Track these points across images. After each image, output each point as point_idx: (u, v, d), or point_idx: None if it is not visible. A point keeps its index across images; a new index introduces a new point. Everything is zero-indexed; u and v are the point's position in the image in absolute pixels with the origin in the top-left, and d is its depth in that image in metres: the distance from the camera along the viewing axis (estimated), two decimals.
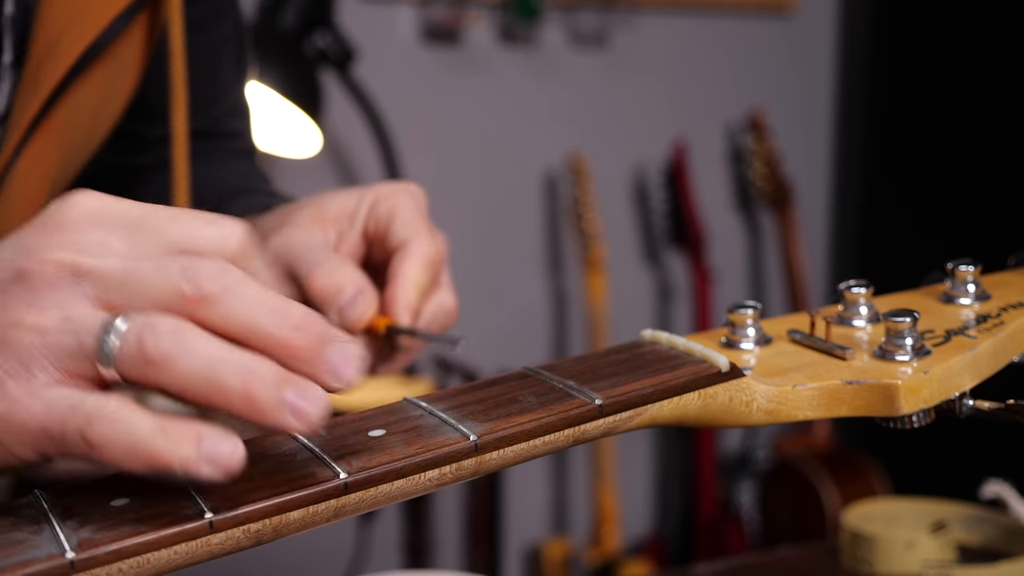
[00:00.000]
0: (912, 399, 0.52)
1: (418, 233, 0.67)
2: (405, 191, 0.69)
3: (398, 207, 0.68)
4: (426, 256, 0.66)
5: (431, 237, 0.67)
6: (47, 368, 0.41)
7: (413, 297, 0.65)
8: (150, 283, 0.42)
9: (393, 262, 0.66)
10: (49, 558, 0.38)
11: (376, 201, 0.69)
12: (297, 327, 0.42)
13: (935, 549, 0.93)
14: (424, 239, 0.66)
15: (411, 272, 0.65)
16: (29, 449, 0.41)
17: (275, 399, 0.41)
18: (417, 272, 0.65)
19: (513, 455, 0.47)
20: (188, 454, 0.40)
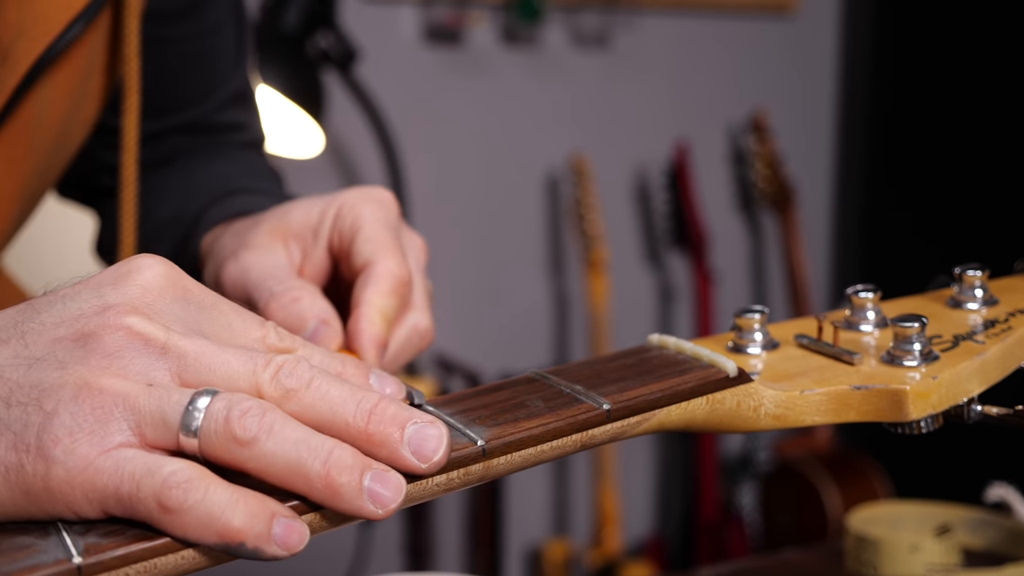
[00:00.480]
0: (921, 404, 0.51)
1: (383, 251, 0.63)
2: (371, 200, 0.66)
3: (362, 219, 0.64)
4: (391, 278, 0.62)
5: (396, 255, 0.63)
6: (124, 431, 0.41)
7: (378, 328, 0.62)
8: (234, 372, 0.43)
9: (356, 287, 0.63)
10: (56, 563, 0.38)
11: (340, 213, 0.65)
12: (374, 413, 0.42)
13: (940, 553, 0.93)
14: (389, 257, 0.63)
15: (375, 299, 0.62)
16: (95, 508, 0.40)
17: (356, 486, 0.41)
18: (381, 299, 0.62)
19: (521, 460, 0.46)
20: (261, 531, 0.40)
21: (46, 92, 0.73)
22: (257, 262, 0.65)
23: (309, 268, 0.67)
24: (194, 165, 0.86)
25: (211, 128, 0.88)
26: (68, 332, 0.42)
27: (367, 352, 0.61)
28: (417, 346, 0.66)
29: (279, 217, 0.68)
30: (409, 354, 0.66)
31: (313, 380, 0.43)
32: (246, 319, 0.47)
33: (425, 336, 0.67)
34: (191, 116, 0.87)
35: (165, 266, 0.45)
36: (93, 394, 0.40)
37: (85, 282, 0.45)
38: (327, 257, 0.66)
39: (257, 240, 0.66)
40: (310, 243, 0.67)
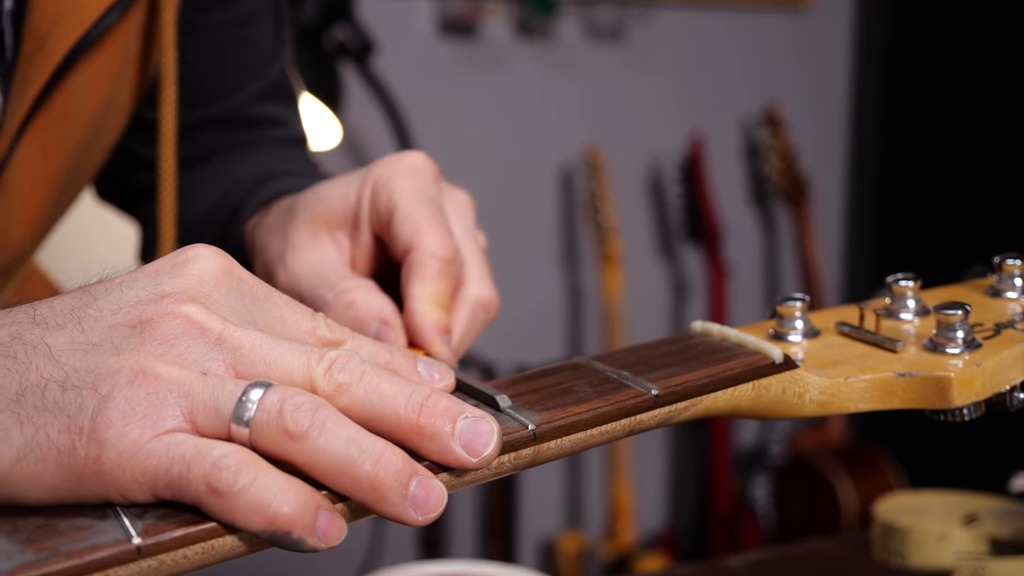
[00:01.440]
0: (965, 392, 0.52)
1: (423, 230, 0.60)
2: (404, 170, 0.63)
3: (397, 196, 0.61)
4: (436, 261, 0.60)
5: (438, 230, 0.60)
6: (176, 416, 0.41)
7: (434, 317, 0.60)
8: (288, 366, 0.43)
9: (403, 277, 0.61)
10: (116, 543, 0.38)
11: (375, 191, 0.63)
12: (425, 406, 0.42)
13: (968, 541, 0.93)
14: (431, 237, 0.60)
15: (423, 288, 0.60)
16: (146, 491, 0.40)
17: (402, 490, 0.41)
18: (430, 286, 0.60)
19: (571, 445, 0.47)
20: (307, 522, 0.40)
21: (82, 81, 0.73)
22: (304, 266, 0.64)
23: (360, 255, 0.64)
24: (232, 159, 0.85)
25: (246, 121, 0.86)
26: (125, 319, 0.42)
27: (432, 344, 0.60)
28: (484, 319, 0.64)
29: (315, 204, 0.65)
30: (478, 329, 0.64)
31: (365, 374, 0.43)
32: (297, 311, 0.47)
33: (490, 306, 0.64)
34: (224, 108, 0.86)
35: (221, 256, 0.46)
36: (148, 380, 0.41)
37: (141, 270, 0.45)
38: (374, 240, 0.64)
39: (299, 237, 0.65)
40: (354, 229, 0.64)
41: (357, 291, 0.62)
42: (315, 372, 0.43)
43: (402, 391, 0.43)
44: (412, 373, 0.48)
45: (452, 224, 0.63)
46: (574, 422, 0.47)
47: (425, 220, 0.61)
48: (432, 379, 0.48)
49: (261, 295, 0.47)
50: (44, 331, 0.42)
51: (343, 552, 2.23)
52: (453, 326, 0.62)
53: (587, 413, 0.47)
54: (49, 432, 0.40)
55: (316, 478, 0.41)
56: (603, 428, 0.47)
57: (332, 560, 2.28)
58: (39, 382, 0.41)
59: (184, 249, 0.46)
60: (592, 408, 0.47)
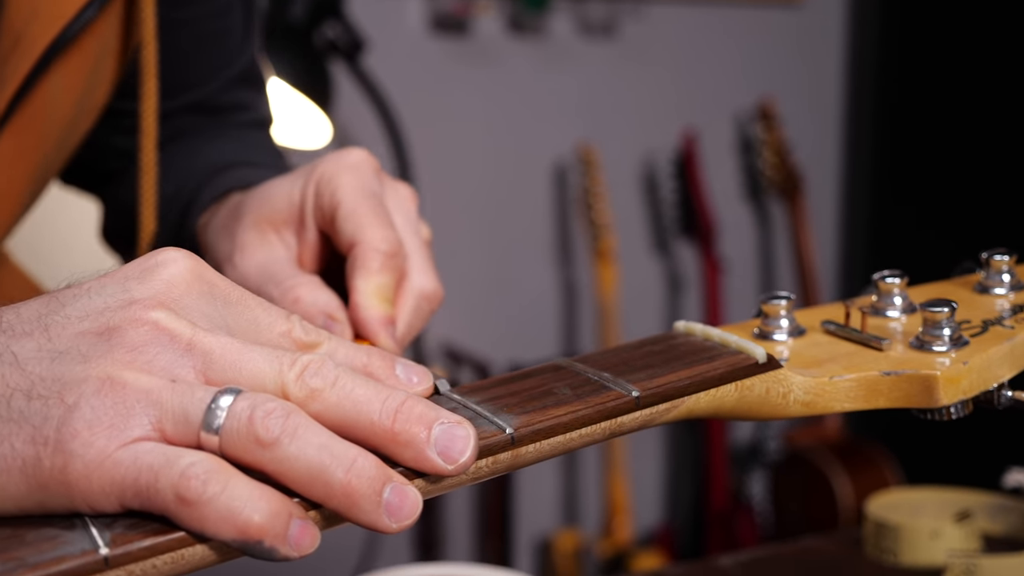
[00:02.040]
0: (951, 390, 0.51)
1: (365, 225, 0.61)
2: (345, 167, 0.64)
3: (339, 193, 0.63)
4: (378, 255, 0.61)
5: (380, 224, 0.62)
6: (144, 425, 0.40)
7: (378, 310, 0.61)
8: (259, 371, 0.42)
9: (347, 272, 0.62)
10: (83, 554, 0.38)
11: (318, 189, 0.64)
12: (400, 412, 0.42)
13: (961, 538, 0.92)
14: (372, 231, 0.61)
15: (367, 283, 0.61)
16: (113, 502, 0.39)
17: (375, 497, 0.40)
18: (374, 279, 0.61)
19: (550, 448, 0.46)
20: (279, 531, 0.39)
21: (58, 79, 0.72)
22: (252, 266, 0.64)
23: (306, 252, 0.65)
24: (198, 142, 0.85)
25: (217, 107, 0.87)
26: (93, 326, 0.42)
27: (377, 337, 0.60)
28: (428, 310, 0.65)
29: (260, 204, 0.66)
30: (422, 320, 0.65)
31: (338, 379, 0.42)
32: (271, 314, 0.46)
33: (433, 298, 0.65)
34: (198, 96, 0.86)
35: (191, 260, 0.45)
36: (116, 388, 0.40)
37: (110, 275, 0.44)
38: (320, 237, 0.65)
39: (246, 237, 0.65)
40: (299, 227, 0.65)
41: (303, 287, 0.63)
42: (287, 377, 0.42)
43: (376, 396, 0.42)
44: (390, 376, 0.47)
45: (394, 217, 0.64)
46: (553, 425, 0.46)
47: (367, 215, 0.62)
48: (410, 382, 0.47)
49: (234, 298, 0.46)
50: (10, 339, 0.41)
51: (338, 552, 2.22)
52: (397, 318, 0.63)
53: (566, 416, 0.46)
54: (14, 443, 0.39)
55: (288, 486, 0.40)
56: (583, 431, 0.47)
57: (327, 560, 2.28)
58: (5, 391, 0.40)
59: (154, 253, 0.45)
60: (572, 411, 0.46)
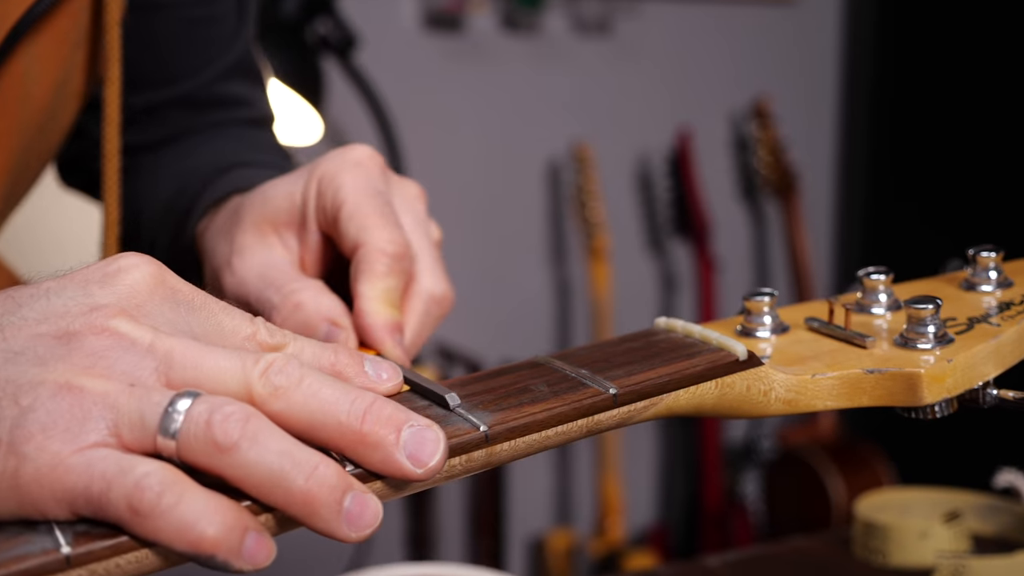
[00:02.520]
0: (935, 388, 0.50)
1: (370, 227, 0.59)
2: (349, 166, 0.61)
3: (343, 192, 0.60)
4: (384, 258, 0.58)
5: (386, 225, 0.59)
6: (101, 430, 0.39)
7: (384, 317, 0.58)
8: (221, 370, 0.41)
9: (351, 276, 0.59)
10: (44, 553, 0.37)
11: (320, 189, 0.61)
12: (368, 414, 0.41)
13: (950, 539, 0.91)
14: (378, 233, 0.59)
15: (372, 287, 0.58)
16: (64, 508, 0.38)
17: (336, 505, 0.39)
18: (379, 284, 0.58)
19: (525, 446, 0.45)
20: (233, 545, 0.38)
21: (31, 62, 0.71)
22: (251, 270, 0.62)
23: (308, 255, 0.63)
24: (194, 143, 0.83)
25: (210, 102, 0.84)
26: (51, 329, 0.41)
27: (383, 344, 0.58)
28: (438, 314, 0.63)
29: (261, 205, 0.63)
30: (431, 325, 0.63)
31: (304, 378, 0.41)
32: (235, 318, 0.45)
33: (443, 301, 0.63)
34: (187, 88, 0.83)
35: (153, 266, 0.44)
36: (73, 392, 0.39)
37: (70, 277, 0.43)
38: (322, 239, 0.63)
39: (245, 240, 0.63)
40: (301, 228, 0.63)
41: (305, 292, 0.60)
42: (251, 376, 0.41)
43: (344, 397, 0.41)
44: (359, 373, 0.46)
45: (402, 217, 0.62)
46: (528, 423, 0.45)
47: (372, 215, 0.59)
48: (379, 378, 0.46)
49: (197, 303, 0.45)
50: None
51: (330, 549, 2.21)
52: (405, 323, 0.61)
53: (542, 414, 0.45)
54: None
55: (247, 492, 0.39)
56: (559, 429, 0.46)
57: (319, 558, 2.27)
58: None
59: (116, 257, 0.44)
60: (547, 408, 0.46)
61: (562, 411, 0.46)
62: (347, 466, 0.41)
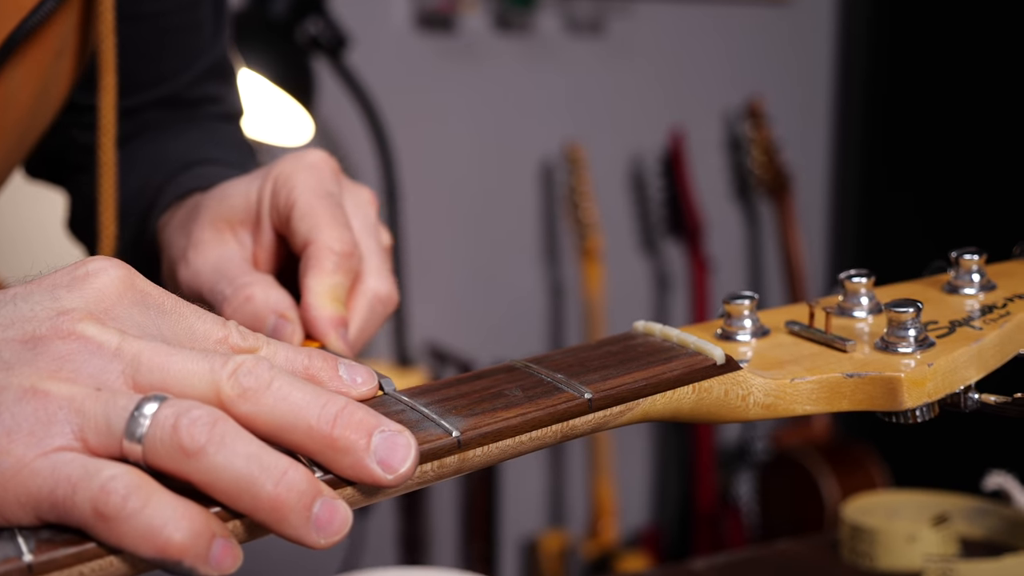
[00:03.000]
0: (916, 393, 0.50)
1: (319, 225, 0.61)
2: (302, 167, 0.63)
3: (295, 192, 0.62)
4: (331, 255, 0.60)
5: (335, 225, 0.61)
6: (66, 434, 0.38)
7: (330, 311, 0.60)
8: (189, 372, 0.40)
9: (300, 271, 0.61)
10: (5, 561, 0.36)
11: (275, 188, 0.63)
12: (339, 418, 0.40)
13: (938, 542, 0.91)
14: (327, 232, 0.61)
15: (319, 282, 0.60)
16: (28, 513, 0.38)
17: (304, 512, 0.39)
18: (326, 279, 0.60)
19: (498, 452, 0.44)
20: (200, 551, 0.37)
21: (16, 73, 0.71)
22: (206, 263, 0.64)
23: (261, 252, 0.65)
24: (165, 136, 0.84)
25: (187, 102, 0.86)
26: (18, 334, 0.40)
27: (327, 337, 0.60)
28: (382, 313, 0.64)
29: (218, 203, 0.65)
30: (375, 324, 0.64)
31: (274, 381, 0.40)
32: (207, 321, 0.45)
33: (388, 301, 0.64)
34: (166, 91, 0.84)
35: (122, 269, 0.43)
36: (38, 397, 0.38)
37: (38, 282, 0.43)
38: (276, 237, 0.64)
39: (202, 235, 0.65)
40: (255, 227, 0.64)
41: (255, 286, 0.62)
42: (219, 377, 0.40)
43: (315, 401, 0.41)
44: (333, 378, 0.45)
45: (352, 220, 0.64)
46: (501, 428, 0.44)
47: (323, 215, 0.61)
48: (354, 382, 0.45)
49: (168, 307, 0.44)
50: None
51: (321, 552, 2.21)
52: (350, 320, 0.62)
53: (516, 419, 0.45)
54: None
55: (214, 497, 0.39)
56: (533, 434, 0.45)
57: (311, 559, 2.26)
58: None
59: (84, 261, 0.43)
60: (521, 413, 0.45)
61: (536, 416, 0.45)
62: (316, 472, 0.41)
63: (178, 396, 0.40)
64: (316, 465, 0.41)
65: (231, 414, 0.40)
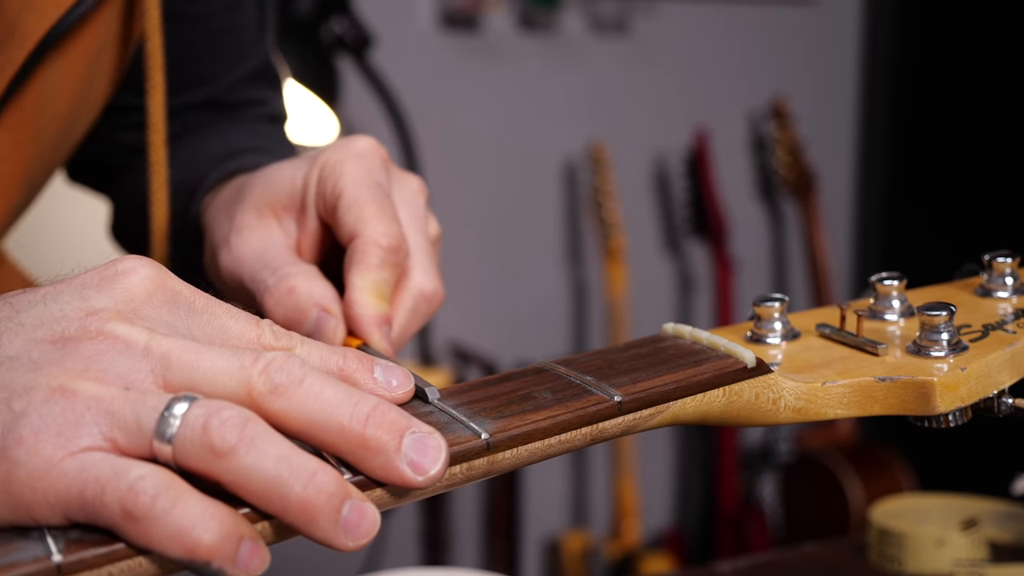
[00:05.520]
0: (948, 397, 0.49)
1: (366, 218, 0.59)
2: (351, 156, 0.61)
3: (343, 182, 0.60)
4: (378, 250, 0.59)
5: (383, 218, 0.59)
6: (94, 434, 0.38)
7: (374, 308, 0.58)
8: (220, 370, 0.40)
9: (344, 266, 0.60)
10: (35, 561, 0.36)
11: (321, 177, 0.61)
12: (371, 418, 0.40)
13: (966, 547, 0.90)
14: (374, 225, 0.59)
15: (364, 278, 0.59)
16: (57, 513, 0.38)
17: (334, 514, 0.39)
18: (372, 275, 0.59)
19: (527, 455, 0.44)
20: (229, 552, 0.37)
21: (54, 72, 0.70)
22: (249, 250, 0.62)
23: (306, 241, 0.63)
24: (209, 133, 0.83)
25: (228, 104, 0.85)
26: (47, 334, 0.40)
27: (370, 336, 0.58)
28: (426, 312, 0.63)
29: (263, 187, 0.64)
30: (418, 322, 0.63)
31: (306, 378, 0.40)
32: (240, 320, 0.45)
33: (433, 299, 0.63)
34: (210, 93, 0.83)
35: (152, 268, 0.43)
36: (66, 396, 0.38)
37: (68, 281, 0.43)
38: (321, 226, 0.63)
39: (246, 220, 0.63)
40: (300, 214, 0.63)
41: (299, 277, 0.60)
42: (250, 373, 0.40)
43: (347, 400, 0.40)
44: (367, 379, 0.45)
45: (400, 211, 0.62)
46: (531, 431, 0.44)
47: (370, 207, 0.59)
48: (389, 385, 0.45)
49: (199, 306, 0.44)
50: None
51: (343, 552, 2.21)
52: (394, 317, 0.61)
53: (545, 421, 0.44)
54: None
55: (243, 498, 0.39)
56: (562, 437, 0.45)
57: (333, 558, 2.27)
58: None
59: (115, 261, 0.43)
60: (550, 416, 0.45)
61: (565, 419, 0.45)
62: (344, 473, 0.41)
63: (208, 394, 0.40)
64: (344, 465, 0.41)
65: (262, 411, 0.40)
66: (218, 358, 0.41)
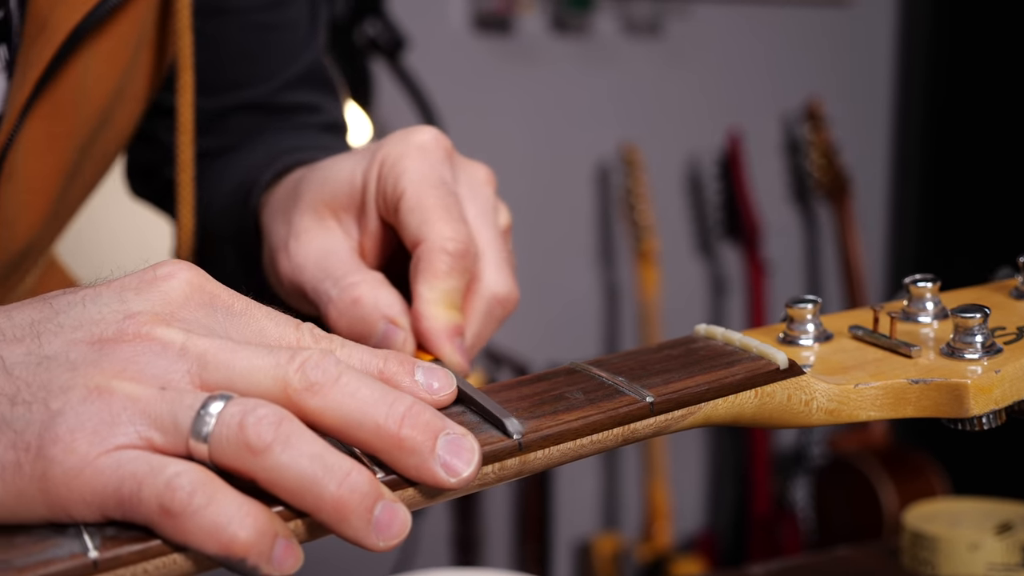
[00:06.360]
0: (982, 400, 0.49)
1: (429, 222, 0.56)
2: (412, 150, 0.58)
3: (404, 181, 0.57)
4: (445, 256, 0.55)
5: (448, 219, 0.56)
6: (130, 433, 0.38)
7: (443, 321, 0.56)
8: (255, 368, 0.40)
9: (411, 274, 0.57)
10: (71, 557, 0.37)
11: (382, 174, 0.58)
12: (406, 418, 0.40)
13: (1001, 551, 0.89)
14: (439, 227, 0.56)
15: (431, 289, 0.56)
16: (94, 511, 0.38)
17: (366, 514, 0.39)
18: (439, 284, 0.56)
19: (559, 455, 0.44)
20: (264, 549, 0.38)
21: (88, 65, 0.70)
22: (308, 257, 0.60)
23: (368, 242, 0.60)
24: (261, 136, 0.81)
25: (279, 108, 0.82)
26: (85, 336, 0.41)
27: (442, 350, 0.56)
28: (501, 316, 0.60)
29: (320, 185, 0.61)
30: (493, 327, 0.60)
31: (342, 376, 0.40)
32: (280, 323, 0.44)
33: (507, 302, 0.60)
34: (256, 94, 0.81)
35: (191, 271, 0.43)
36: (103, 396, 0.39)
37: (108, 284, 0.43)
38: (383, 225, 0.59)
39: (304, 223, 0.60)
40: (360, 214, 0.59)
41: (363, 286, 0.58)
42: (286, 371, 0.40)
43: (383, 399, 0.40)
44: (407, 381, 0.44)
45: (467, 207, 0.59)
46: (563, 431, 0.44)
47: (434, 209, 0.56)
48: (430, 388, 0.44)
49: (238, 309, 0.44)
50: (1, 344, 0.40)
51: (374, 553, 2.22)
52: (467, 325, 0.58)
53: (577, 422, 0.45)
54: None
55: (278, 496, 0.39)
56: (594, 437, 0.45)
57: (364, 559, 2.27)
58: None
59: (155, 265, 0.44)
60: (583, 416, 0.45)
61: (597, 419, 0.45)
62: (377, 472, 0.41)
63: (244, 392, 0.40)
64: (377, 464, 0.41)
65: (298, 408, 0.40)
66: (254, 356, 0.41)
